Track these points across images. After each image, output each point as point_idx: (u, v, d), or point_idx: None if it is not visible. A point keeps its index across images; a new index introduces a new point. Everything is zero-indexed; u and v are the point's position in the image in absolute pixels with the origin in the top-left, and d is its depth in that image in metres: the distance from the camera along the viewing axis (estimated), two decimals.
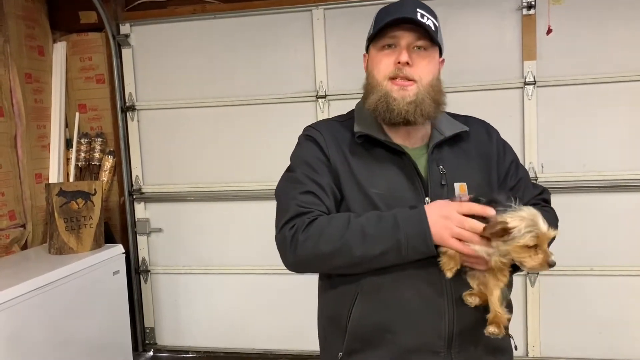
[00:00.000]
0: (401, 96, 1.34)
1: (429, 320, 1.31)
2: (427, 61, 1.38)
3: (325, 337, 1.48)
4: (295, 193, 1.35)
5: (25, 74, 3.13)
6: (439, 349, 1.31)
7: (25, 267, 2.72)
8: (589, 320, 3.00)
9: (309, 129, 1.48)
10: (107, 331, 2.91)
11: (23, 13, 3.14)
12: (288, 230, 1.30)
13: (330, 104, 3.11)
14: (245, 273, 3.33)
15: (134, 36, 3.36)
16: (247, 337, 3.38)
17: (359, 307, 1.34)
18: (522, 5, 2.90)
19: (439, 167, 1.38)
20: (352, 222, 1.26)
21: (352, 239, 1.24)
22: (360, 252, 1.24)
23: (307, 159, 1.40)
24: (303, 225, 1.28)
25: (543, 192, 1.53)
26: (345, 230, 1.25)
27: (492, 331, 1.25)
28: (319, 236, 1.26)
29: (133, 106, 3.37)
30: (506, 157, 1.49)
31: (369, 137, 1.39)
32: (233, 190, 3.30)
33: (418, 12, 1.34)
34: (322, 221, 1.29)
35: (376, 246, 1.24)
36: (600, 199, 2.93)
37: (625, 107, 2.87)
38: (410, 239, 1.22)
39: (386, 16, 1.35)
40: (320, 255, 1.27)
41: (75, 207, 2.90)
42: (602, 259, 2.95)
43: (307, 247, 1.27)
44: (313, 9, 3.11)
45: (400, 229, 1.22)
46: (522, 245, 1.14)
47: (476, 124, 1.52)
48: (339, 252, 1.26)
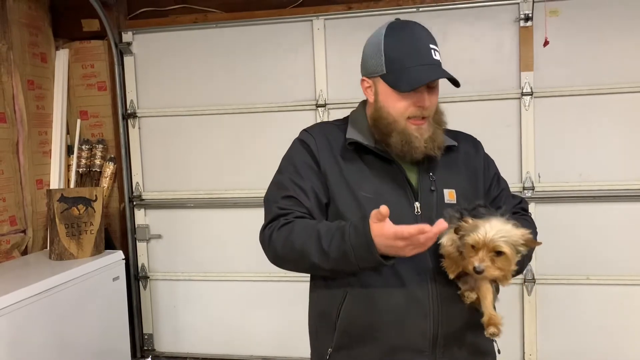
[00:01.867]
0: (420, 134, 1.40)
1: (415, 321, 1.36)
2: (436, 96, 1.44)
3: (316, 332, 1.53)
4: (278, 197, 1.43)
5: (27, 81, 3.16)
6: (423, 348, 1.36)
7: (26, 272, 2.73)
8: (585, 328, 3.01)
9: (304, 132, 1.54)
10: (106, 337, 2.92)
11: (27, 21, 3.17)
12: (267, 230, 1.41)
13: (330, 113, 3.14)
14: (244, 280, 3.35)
15: (136, 44, 3.39)
16: (246, 344, 3.39)
17: (348, 306, 1.40)
18: (519, 17, 2.94)
19: (429, 174, 1.44)
20: (315, 231, 1.32)
21: (310, 247, 1.31)
22: (317, 260, 1.31)
23: (295, 163, 1.47)
24: (278, 226, 1.37)
25: (522, 201, 1.63)
26: (307, 238, 1.32)
27: (493, 332, 1.29)
28: (286, 238, 1.35)
29: (134, 113, 3.40)
30: (490, 169, 1.57)
31: (360, 144, 1.43)
32: (233, 198, 3.32)
33: (431, 49, 1.40)
34: (294, 224, 1.36)
35: (329, 256, 1.29)
36: (597, 209, 2.96)
37: (621, 117, 2.91)
38: (355, 250, 1.24)
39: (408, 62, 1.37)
40: (287, 257, 1.37)
41: (76, 213, 2.92)
42: (598, 268, 2.97)
43: (277, 247, 1.37)
44: (313, 19, 3.14)
45: (345, 240, 1.26)
46: (468, 244, 1.22)
47: (464, 138, 1.59)
48: (300, 257, 1.33)
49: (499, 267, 1.23)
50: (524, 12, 2.92)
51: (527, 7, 2.91)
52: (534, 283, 3.03)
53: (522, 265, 1.39)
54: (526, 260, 1.42)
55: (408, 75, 1.36)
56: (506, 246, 1.21)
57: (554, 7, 2.91)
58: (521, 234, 1.23)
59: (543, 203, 2.97)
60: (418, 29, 1.43)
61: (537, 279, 3.03)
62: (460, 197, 1.43)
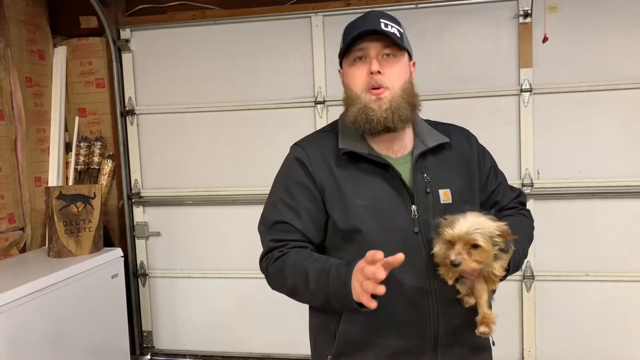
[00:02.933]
0: (378, 105, 1.38)
1: (415, 324, 1.36)
2: (396, 67, 1.41)
3: (315, 340, 1.53)
4: (270, 223, 1.47)
5: (25, 78, 3.16)
6: (425, 350, 1.37)
7: (24, 270, 2.73)
8: (584, 325, 3.02)
9: (295, 147, 1.51)
10: (105, 334, 2.92)
11: (24, 18, 3.16)
12: (264, 262, 1.47)
13: (329, 110, 3.14)
14: (243, 277, 3.34)
15: (134, 41, 3.38)
16: (245, 341, 3.39)
17: (347, 314, 1.39)
18: (518, 14, 2.93)
19: (424, 175, 1.42)
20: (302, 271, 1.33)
21: (300, 285, 1.34)
22: (308, 299, 1.38)
23: (287, 183, 1.47)
24: (272, 260, 1.42)
25: (519, 195, 1.62)
26: (296, 275, 1.35)
27: (483, 330, 1.31)
28: (280, 274, 1.40)
29: (132, 110, 3.39)
30: (485, 163, 1.54)
31: (353, 153, 1.42)
32: (231, 195, 3.32)
33: (381, 22, 1.39)
34: (285, 259, 1.39)
35: (315, 297, 1.33)
36: (596, 205, 2.96)
37: (620, 114, 2.91)
38: (337, 297, 1.26)
39: (352, 30, 1.41)
40: (284, 290, 1.42)
41: (75, 211, 2.92)
42: (597, 264, 2.98)
43: (274, 282, 1.45)
44: (312, 16, 3.14)
45: (329, 285, 1.27)
46: (446, 240, 1.25)
47: (457, 132, 1.56)
48: (294, 293, 1.39)
49: (476, 259, 1.23)
50: (523, 9, 2.91)
51: (526, 4, 2.91)
52: (533, 279, 3.03)
53: (517, 264, 1.39)
54: (522, 258, 1.42)
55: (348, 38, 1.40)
56: (481, 238, 1.22)
57: (553, 3, 2.90)
58: (496, 225, 1.24)
59: (542, 200, 2.97)
60: (374, 11, 1.45)
61: (536, 275, 3.03)
62: (456, 196, 1.42)
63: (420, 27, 3.03)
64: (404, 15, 3.03)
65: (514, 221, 1.45)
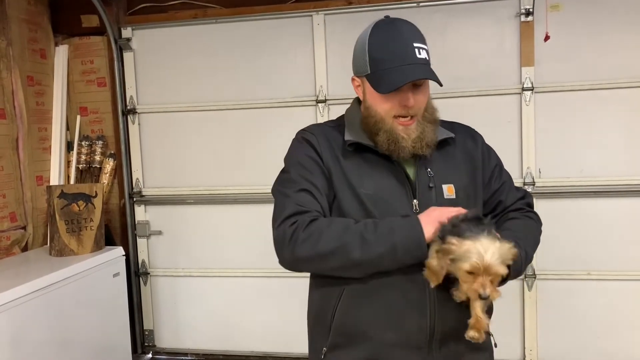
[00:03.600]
0: (407, 134, 1.39)
1: (411, 317, 1.36)
2: (424, 95, 1.41)
3: (312, 332, 1.54)
4: (291, 192, 1.39)
5: (27, 77, 3.16)
6: (420, 344, 1.37)
7: (26, 268, 2.73)
8: (586, 324, 3.01)
9: (302, 131, 1.52)
10: (107, 333, 2.92)
11: (26, 17, 3.17)
12: (288, 227, 1.33)
13: (330, 109, 3.13)
14: (244, 276, 3.35)
15: (135, 40, 3.38)
16: (246, 340, 3.39)
17: (343, 305, 1.40)
18: (520, 12, 2.93)
19: (427, 170, 1.43)
20: (351, 227, 1.31)
21: (351, 241, 1.29)
22: (358, 254, 1.28)
23: (301, 160, 1.45)
24: (304, 224, 1.32)
25: (526, 195, 1.59)
26: (344, 233, 1.30)
27: (473, 335, 1.30)
28: (319, 235, 1.30)
29: (134, 109, 3.39)
30: (490, 161, 1.54)
31: (359, 144, 1.43)
32: (233, 194, 3.32)
33: (415, 48, 1.37)
34: (323, 222, 1.33)
35: (373, 249, 1.28)
36: (598, 204, 2.95)
37: (622, 113, 2.90)
38: (405, 243, 1.26)
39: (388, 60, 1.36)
40: (319, 254, 1.30)
41: (76, 210, 2.92)
42: (599, 263, 2.97)
43: (306, 246, 1.30)
44: (313, 15, 3.13)
45: (395, 233, 1.27)
46: (464, 270, 1.20)
47: (461, 130, 1.56)
48: (337, 252, 1.29)
49: (496, 287, 1.23)
50: (525, 7, 2.91)
51: (527, 2, 2.90)
52: (534, 278, 3.02)
53: (519, 269, 1.38)
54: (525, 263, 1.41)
55: (388, 76, 1.35)
56: (503, 268, 1.21)
57: (555, 1, 2.90)
58: (508, 248, 1.23)
59: (544, 198, 2.97)
60: (404, 28, 1.40)
61: (538, 274, 3.02)
62: (460, 192, 1.43)
63: (422, 26, 2.98)
64: (405, 14, 3.01)
65: (519, 225, 1.45)
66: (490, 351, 1.51)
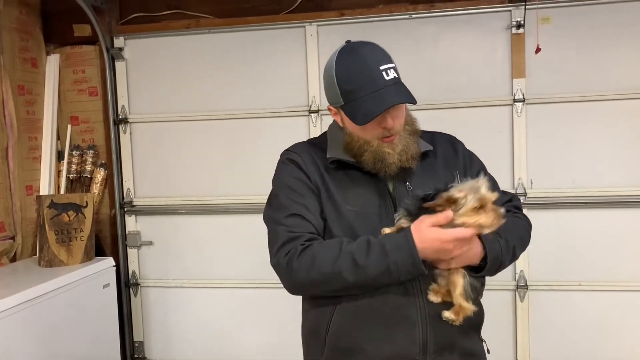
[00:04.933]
0: (392, 149, 1.41)
1: (404, 329, 1.37)
2: (401, 112, 1.43)
3: (307, 348, 1.54)
4: (281, 218, 1.41)
5: (18, 86, 3.14)
6: (414, 355, 1.37)
7: (15, 279, 2.70)
8: (578, 335, 3.01)
9: (287, 152, 1.54)
10: (96, 345, 2.89)
11: (17, 26, 3.15)
12: (283, 257, 1.37)
13: (323, 119, 3.14)
14: (235, 287, 3.32)
15: (127, 49, 3.37)
16: (236, 351, 3.36)
17: (337, 320, 1.41)
18: (511, 25, 2.95)
19: (406, 183, 1.45)
20: (343, 250, 1.32)
21: (344, 266, 1.30)
22: (353, 278, 1.31)
23: (289, 183, 1.46)
24: (297, 253, 1.34)
25: (513, 199, 1.61)
26: (336, 258, 1.31)
27: (448, 316, 1.34)
28: (311, 264, 1.32)
29: (126, 119, 3.38)
30: (472, 166, 1.55)
31: (341, 161, 1.45)
32: (224, 204, 3.31)
33: (382, 71, 1.36)
34: (314, 248, 1.34)
35: (367, 273, 1.30)
36: (589, 215, 2.97)
37: (613, 124, 2.92)
38: (399, 264, 1.28)
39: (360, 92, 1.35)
40: (315, 281, 1.34)
41: (66, 220, 2.89)
42: (591, 274, 2.98)
43: (301, 274, 1.34)
44: (306, 25, 3.14)
45: (388, 256, 1.28)
46: (471, 209, 1.23)
47: (441, 139, 1.58)
48: (332, 279, 1.32)
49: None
50: (516, 19, 2.94)
51: (519, 15, 2.93)
52: (526, 289, 3.03)
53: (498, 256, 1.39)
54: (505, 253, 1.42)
55: (363, 106, 1.35)
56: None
57: (546, 14, 2.93)
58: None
59: (535, 209, 2.98)
60: (367, 51, 1.40)
61: (530, 285, 3.03)
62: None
63: (414, 37, 3.04)
64: (397, 25, 3.04)
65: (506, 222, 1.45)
66: (484, 357, 1.52)
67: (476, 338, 1.50)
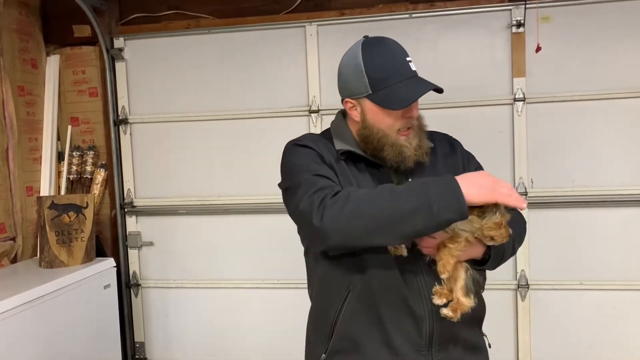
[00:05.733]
0: (409, 143, 1.44)
1: (409, 322, 1.38)
2: (417, 105, 1.46)
3: (309, 341, 1.56)
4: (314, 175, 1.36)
5: (18, 87, 3.14)
6: (420, 348, 1.39)
7: (15, 280, 2.70)
8: (579, 334, 3.01)
9: (295, 140, 1.53)
10: (97, 346, 2.89)
11: (17, 27, 3.15)
12: (316, 197, 1.28)
13: (323, 119, 3.14)
14: (236, 287, 3.32)
15: (127, 50, 3.37)
16: (238, 351, 3.36)
17: (348, 306, 1.41)
18: (511, 24, 2.95)
19: (408, 179, 1.46)
20: (381, 187, 1.29)
21: (381, 198, 1.23)
22: (390, 209, 1.20)
23: (306, 163, 1.42)
24: (332, 192, 1.29)
25: None
26: (373, 193, 1.26)
27: (446, 313, 1.35)
28: (346, 198, 1.25)
29: (126, 119, 3.38)
30: (470, 165, 1.58)
31: (350, 153, 1.46)
32: (225, 204, 3.30)
33: (409, 62, 1.43)
34: (350, 189, 1.30)
35: (406, 203, 1.20)
36: (590, 214, 2.97)
37: (613, 123, 2.92)
38: (441, 197, 1.19)
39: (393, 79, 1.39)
40: (348, 215, 1.22)
41: (67, 220, 2.89)
42: (592, 273, 2.98)
43: (334, 209, 1.24)
44: (306, 25, 3.14)
45: (429, 187, 1.21)
46: (496, 222, 1.27)
47: (440, 138, 1.62)
48: (366, 210, 1.22)
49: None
50: (516, 19, 2.93)
51: (519, 14, 2.93)
52: (527, 288, 3.02)
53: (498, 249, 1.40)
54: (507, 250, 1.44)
55: (396, 93, 1.38)
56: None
57: (546, 13, 2.92)
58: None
59: (536, 209, 2.97)
60: (392, 44, 1.46)
61: (531, 284, 3.02)
62: None
63: (414, 37, 3.04)
64: (397, 24, 3.04)
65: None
66: (486, 352, 1.54)
67: (478, 331, 1.52)
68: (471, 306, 1.36)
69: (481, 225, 1.27)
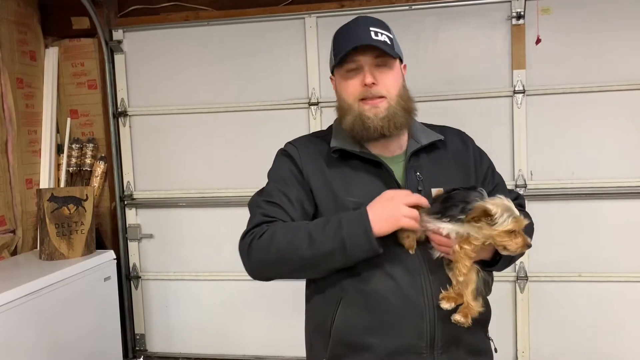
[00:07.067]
0: (374, 114, 1.40)
1: (411, 323, 1.34)
2: (390, 75, 1.42)
3: (310, 344, 1.52)
4: (262, 203, 1.43)
5: (17, 79, 3.13)
6: (421, 350, 1.34)
7: (15, 273, 2.71)
8: (578, 325, 3.03)
9: (286, 144, 1.55)
10: (98, 337, 2.90)
11: (15, 18, 3.14)
12: (247, 238, 1.38)
13: (323, 111, 3.13)
14: (236, 279, 3.33)
15: (126, 42, 3.36)
16: (238, 343, 3.37)
17: (342, 313, 1.38)
18: (511, 16, 2.94)
19: (417, 174, 1.43)
20: (302, 227, 1.33)
21: (299, 242, 1.30)
22: (307, 254, 1.29)
23: (280, 173, 1.48)
24: (261, 233, 1.35)
25: (518, 197, 1.61)
26: (293, 235, 1.32)
27: (458, 319, 1.30)
28: (269, 242, 1.33)
29: (125, 112, 3.37)
30: (482, 164, 1.55)
31: (344, 151, 1.45)
32: (224, 196, 3.31)
33: (371, 31, 1.40)
34: (275, 228, 1.35)
35: (322, 247, 1.28)
36: (589, 206, 2.97)
37: (613, 115, 2.92)
38: (352, 237, 1.27)
39: (343, 41, 1.41)
40: (270, 259, 1.34)
41: (67, 213, 2.89)
42: (590, 265, 2.98)
43: (258, 253, 1.35)
44: (306, 17, 3.13)
45: (343, 228, 1.28)
46: (506, 230, 1.23)
47: (451, 133, 1.57)
48: (287, 255, 1.31)
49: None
50: (516, 10, 2.92)
51: (519, 5, 2.92)
52: (526, 280, 3.03)
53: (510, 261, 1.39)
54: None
55: (341, 52, 1.40)
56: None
57: (546, 5, 2.91)
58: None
59: (535, 200, 2.98)
60: (362, 18, 1.46)
61: (530, 276, 3.03)
62: None
63: (414, 29, 3.03)
64: (397, 16, 3.03)
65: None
66: (491, 355, 1.49)
67: (483, 335, 1.47)
68: (480, 310, 1.31)
69: (491, 233, 1.23)
